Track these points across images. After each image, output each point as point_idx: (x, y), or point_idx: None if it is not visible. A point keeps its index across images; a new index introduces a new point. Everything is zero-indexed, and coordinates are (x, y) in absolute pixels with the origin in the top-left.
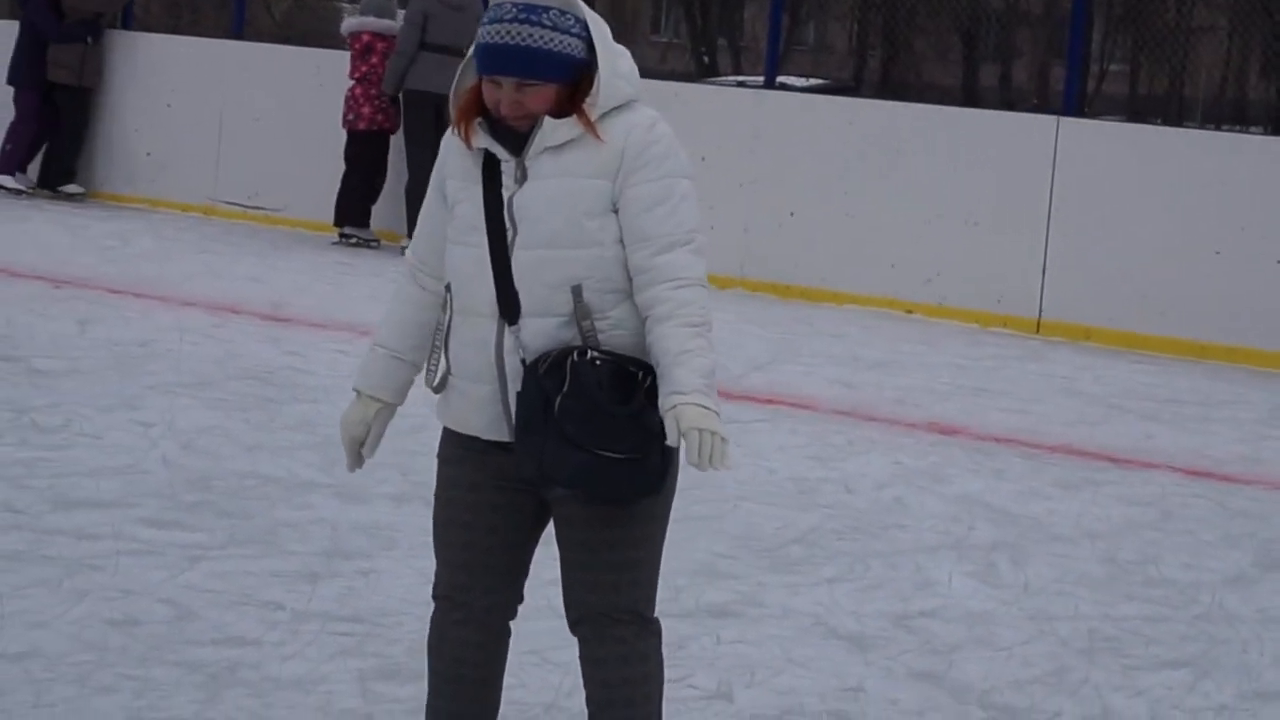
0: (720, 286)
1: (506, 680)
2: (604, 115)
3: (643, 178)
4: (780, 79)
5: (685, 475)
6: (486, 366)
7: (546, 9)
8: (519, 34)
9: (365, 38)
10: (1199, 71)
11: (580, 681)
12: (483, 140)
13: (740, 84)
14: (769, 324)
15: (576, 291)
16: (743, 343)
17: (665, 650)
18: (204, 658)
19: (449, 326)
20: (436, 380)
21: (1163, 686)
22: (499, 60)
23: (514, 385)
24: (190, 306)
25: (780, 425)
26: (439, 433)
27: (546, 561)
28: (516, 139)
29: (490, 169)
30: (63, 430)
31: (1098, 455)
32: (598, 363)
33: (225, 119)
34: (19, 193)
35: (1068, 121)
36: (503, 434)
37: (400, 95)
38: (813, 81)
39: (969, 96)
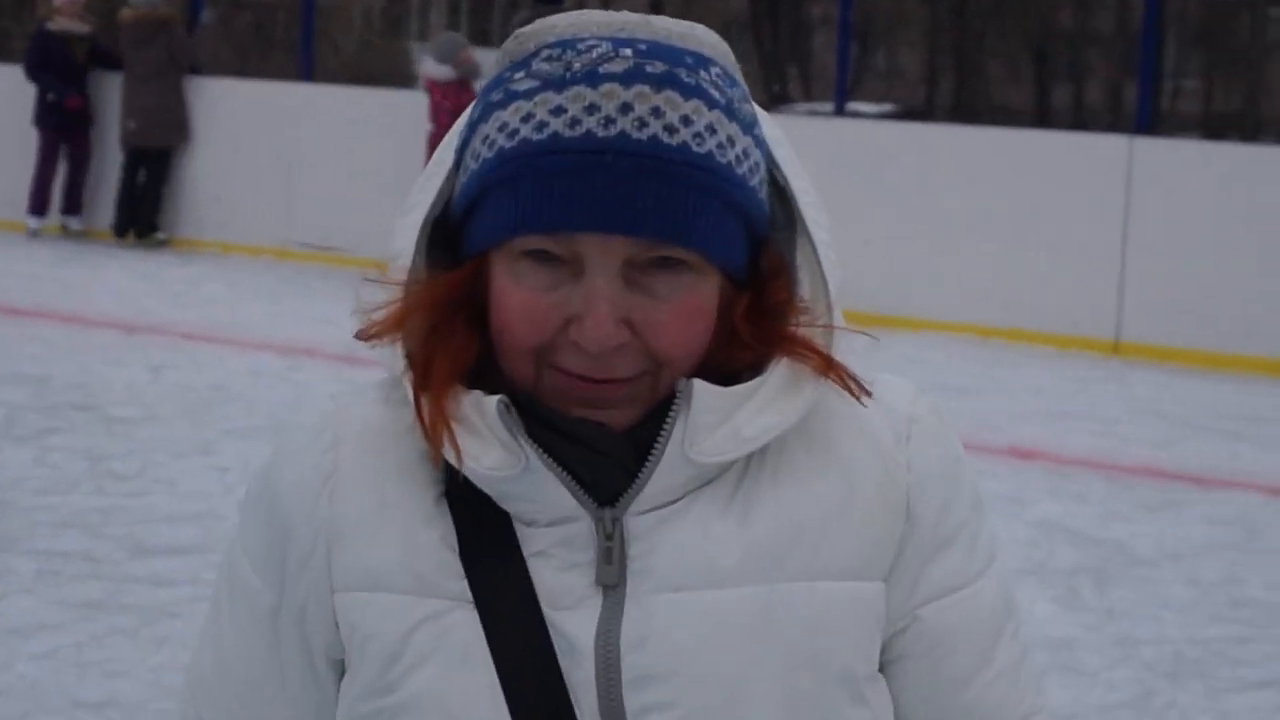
0: None
1: None
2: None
3: (955, 572)
4: (852, 105)
5: None
6: None
7: (704, 61)
8: (653, 118)
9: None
10: (1273, 88)
11: None
12: (498, 459)
13: (811, 112)
14: (846, 352)
15: None
16: None
17: None
18: None
19: None
20: None
21: (1249, 708)
22: (603, 202)
23: None
24: (263, 350)
25: None
26: None
27: None
28: (594, 457)
29: (497, 544)
30: (138, 478)
31: (1179, 476)
32: None
33: (294, 161)
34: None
35: (1141, 140)
36: None
37: None
38: (885, 107)
39: (1041, 117)
